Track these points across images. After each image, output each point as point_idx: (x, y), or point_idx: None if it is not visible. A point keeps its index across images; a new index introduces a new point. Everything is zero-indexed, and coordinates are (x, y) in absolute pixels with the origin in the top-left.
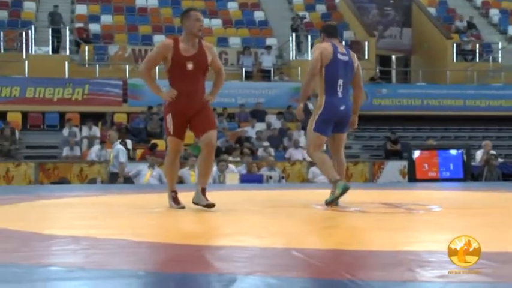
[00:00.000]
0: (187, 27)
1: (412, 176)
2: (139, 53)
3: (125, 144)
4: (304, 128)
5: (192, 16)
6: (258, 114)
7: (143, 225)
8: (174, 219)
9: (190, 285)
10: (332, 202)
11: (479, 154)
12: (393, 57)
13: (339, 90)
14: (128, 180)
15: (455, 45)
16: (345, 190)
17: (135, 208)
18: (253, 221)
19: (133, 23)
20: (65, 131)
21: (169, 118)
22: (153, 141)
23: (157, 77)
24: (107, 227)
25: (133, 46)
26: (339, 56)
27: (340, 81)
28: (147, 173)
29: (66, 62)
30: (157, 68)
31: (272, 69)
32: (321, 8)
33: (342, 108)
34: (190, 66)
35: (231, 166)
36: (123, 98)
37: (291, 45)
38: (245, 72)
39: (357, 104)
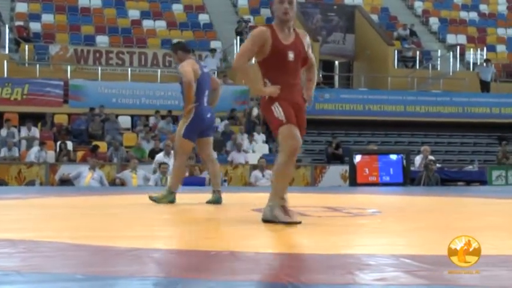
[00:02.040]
0: (274, 12)
1: (352, 180)
2: (82, 54)
3: (65, 146)
4: (248, 132)
5: None
6: None
7: (82, 227)
8: (112, 222)
9: None
10: (155, 200)
11: (418, 159)
12: (336, 62)
13: (205, 100)
14: (68, 182)
15: (396, 52)
16: (169, 202)
17: (75, 210)
18: (194, 223)
19: (76, 22)
20: (3, 132)
21: (276, 107)
22: (95, 142)
23: (100, 77)
24: (44, 230)
25: (75, 46)
26: (204, 70)
27: (206, 92)
28: (88, 175)
29: (5, 61)
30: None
31: (216, 72)
32: (266, 12)
33: (209, 115)
34: (291, 56)
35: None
36: (64, 99)
37: (235, 48)
38: None
39: (215, 99)
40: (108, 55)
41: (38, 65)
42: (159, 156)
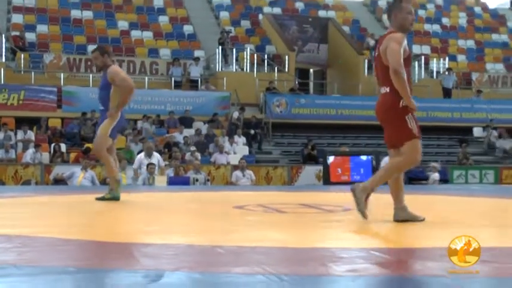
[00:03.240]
0: (399, 20)
1: (326, 180)
2: (74, 62)
3: (59, 148)
4: (229, 134)
5: (405, 9)
6: (186, 121)
7: (74, 224)
8: (104, 218)
9: (117, 280)
10: (101, 199)
11: (386, 160)
12: (311, 70)
13: None
14: (62, 181)
15: (366, 60)
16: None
17: (68, 208)
18: (179, 220)
19: (69, 33)
20: (0, 135)
21: (410, 119)
22: (87, 145)
23: (91, 84)
24: (39, 226)
25: (68, 55)
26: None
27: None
28: (80, 175)
29: (2, 69)
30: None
31: (200, 79)
32: (246, 24)
33: (124, 117)
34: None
35: (155, 153)
36: (57, 104)
37: (217, 57)
38: (174, 81)
39: None
40: None
41: (33, 73)
42: (140, 156)
